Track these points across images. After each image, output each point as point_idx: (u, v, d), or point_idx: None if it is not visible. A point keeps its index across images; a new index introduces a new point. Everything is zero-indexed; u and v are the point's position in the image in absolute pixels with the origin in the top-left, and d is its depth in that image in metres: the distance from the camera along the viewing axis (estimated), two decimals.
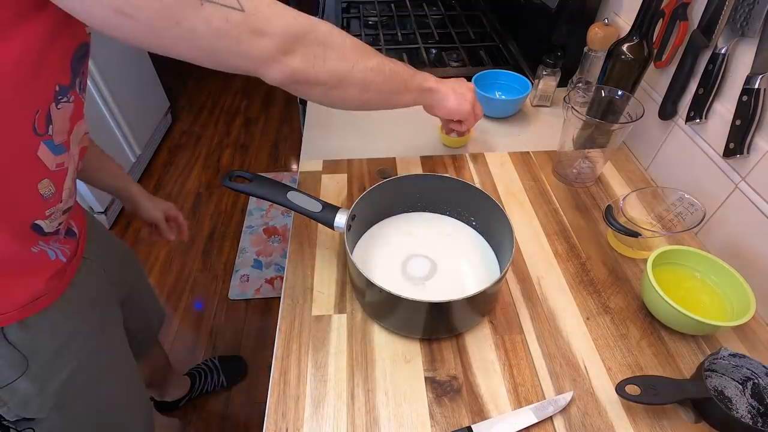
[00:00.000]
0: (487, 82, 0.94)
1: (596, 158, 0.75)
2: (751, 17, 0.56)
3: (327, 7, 1.36)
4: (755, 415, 0.47)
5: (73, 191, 0.53)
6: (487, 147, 0.86)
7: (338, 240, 0.66)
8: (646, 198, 0.67)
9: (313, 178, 0.77)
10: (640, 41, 0.71)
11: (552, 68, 0.89)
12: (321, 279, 0.61)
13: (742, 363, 0.49)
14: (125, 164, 1.92)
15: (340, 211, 0.56)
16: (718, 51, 0.61)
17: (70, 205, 0.53)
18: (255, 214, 1.91)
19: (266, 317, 1.53)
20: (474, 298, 0.48)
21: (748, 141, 0.58)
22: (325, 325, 0.56)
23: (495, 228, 0.60)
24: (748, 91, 0.56)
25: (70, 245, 0.56)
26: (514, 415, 0.48)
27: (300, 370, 0.52)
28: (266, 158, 2.23)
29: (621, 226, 0.61)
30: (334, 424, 0.48)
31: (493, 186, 0.77)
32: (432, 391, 0.50)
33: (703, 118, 0.66)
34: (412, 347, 0.54)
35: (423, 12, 1.30)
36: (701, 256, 0.58)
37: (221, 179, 0.58)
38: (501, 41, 1.17)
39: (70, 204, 0.53)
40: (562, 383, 0.51)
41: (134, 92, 1.98)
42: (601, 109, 0.73)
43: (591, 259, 0.65)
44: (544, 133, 0.89)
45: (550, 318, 0.58)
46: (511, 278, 0.62)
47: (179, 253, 1.75)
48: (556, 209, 0.73)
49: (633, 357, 0.54)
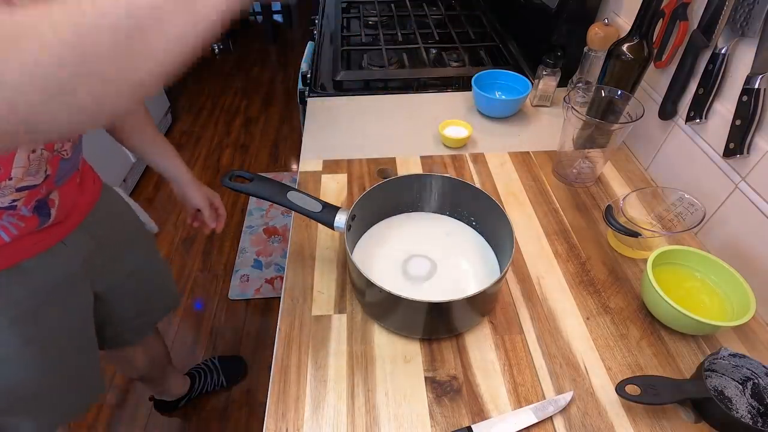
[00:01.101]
0: (487, 82, 0.94)
1: (596, 158, 0.75)
2: (751, 17, 0.56)
3: (327, 7, 1.37)
4: (755, 415, 0.47)
5: (38, 170, 0.52)
6: (487, 147, 0.86)
7: (338, 240, 0.66)
8: (646, 198, 0.67)
9: (313, 178, 0.77)
10: (640, 41, 0.71)
11: (552, 68, 0.89)
12: (321, 279, 0.61)
13: (742, 363, 0.49)
14: (125, 165, 1.92)
15: (340, 211, 0.56)
16: (718, 51, 0.61)
17: (31, 183, 0.52)
18: (255, 214, 1.91)
19: (266, 317, 1.53)
20: (474, 298, 0.48)
21: (748, 141, 0.58)
22: (325, 325, 0.56)
23: (495, 228, 0.60)
24: (748, 91, 0.56)
25: (28, 223, 0.55)
26: (514, 415, 0.48)
27: (300, 370, 0.52)
28: (266, 158, 2.23)
29: (621, 226, 0.61)
30: (334, 424, 0.48)
31: (493, 186, 0.77)
32: (432, 391, 0.50)
33: (703, 118, 0.66)
34: (412, 347, 0.54)
35: (423, 12, 1.30)
36: (701, 256, 0.58)
37: (221, 179, 0.58)
38: (501, 41, 1.17)
39: (34, 182, 0.52)
40: (562, 383, 0.51)
41: None
42: (601, 109, 0.73)
43: (591, 259, 0.65)
44: (544, 133, 0.89)
45: (550, 318, 0.58)
46: (511, 278, 0.62)
47: (179, 253, 1.75)
48: (556, 209, 0.73)
49: (633, 357, 0.54)
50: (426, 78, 1.06)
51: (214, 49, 3.16)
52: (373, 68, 1.07)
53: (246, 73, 2.93)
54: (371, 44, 1.17)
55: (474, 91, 0.90)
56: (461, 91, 1.00)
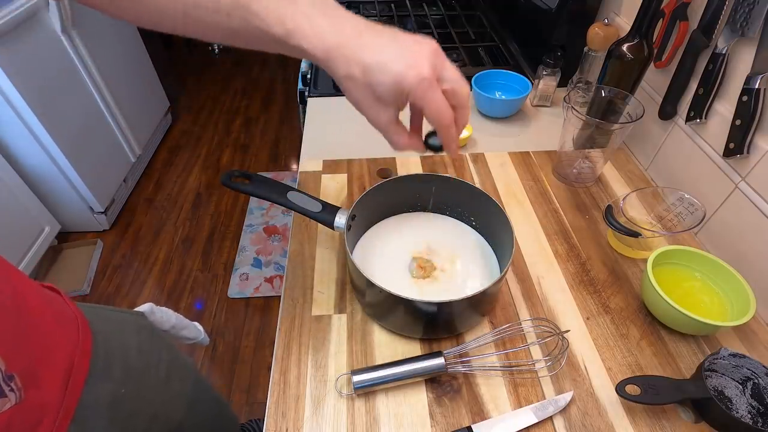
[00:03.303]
0: (487, 82, 0.94)
1: (596, 158, 0.75)
2: (751, 17, 0.56)
3: None
4: (755, 415, 0.47)
5: None
6: (487, 147, 0.86)
7: (338, 240, 0.66)
8: (646, 198, 0.67)
9: (313, 178, 0.77)
10: (640, 41, 0.71)
11: (552, 68, 0.89)
12: (321, 279, 0.61)
13: (742, 363, 0.49)
14: (125, 164, 1.92)
15: (340, 211, 0.56)
16: (718, 51, 0.61)
17: None
18: (255, 213, 1.91)
19: (266, 316, 1.53)
20: (474, 298, 0.48)
21: (748, 141, 0.58)
22: (325, 325, 0.56)
23: (495, 228, 0.60)
24: (748, 91, 0.56)
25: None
26: (514, 415, 0.48)
27: (300, 370, 0.52)
28: (266, 158, 2.23)
29: (621, 226, 0.61)
30: (334, 424, 0.48)
31: (493, 186, 0.77)
32: (432, 391, 0.50)
33: (703, 118, 0.66)
34: (412, 347, 0.54)
35: (423, 12, 1.30)
36: (701, 256, 0.58)
37: (221, 179, 0.58)
38: (501, 41, 1.17)
39: None
40: (562, 383, 0.51)
41: (134, 92, 1.98)
42: (601, 109, 0.73)
43: (591, 259, 0.65)
44: (544, 133, 0.89)
45: (550, 318, 0.58)
46: (511, 278, 0.62)
47: (179, 253, 1.75)
48: (556, 209, 0.73)
49: (633, 357, 0.54)
50: None
51: (214, 49, 3.16)
52: None
53: (246, 73, 2.93)
54: None
55: (474, 91, 0.90)
56: None
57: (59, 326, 0.44)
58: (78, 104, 1.62)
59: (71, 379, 0.42)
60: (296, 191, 0.58)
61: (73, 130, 1.56)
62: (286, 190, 0.57)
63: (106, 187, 1.76)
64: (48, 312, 0.43)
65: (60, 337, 0.43)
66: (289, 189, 0.57)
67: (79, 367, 0.44)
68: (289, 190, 0.57)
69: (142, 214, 1.91)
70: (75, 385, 0.43)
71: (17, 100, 1.35)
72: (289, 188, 0.57)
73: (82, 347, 0.45)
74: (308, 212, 0.56)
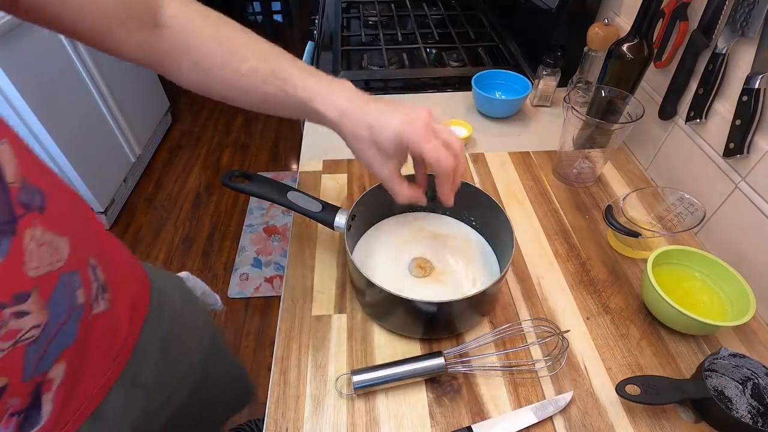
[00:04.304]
0: (487, 82, 0.94)
1: (596, 158, 0.75)
2: (751, 17, 0.56)
3: (327, 7, 1.36)
4: (755, 415, 0.47)
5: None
6: (487, 147, 0.85)
7: (338, 240, 0.66)
8: (646, 198, 0.67)
9: (313, 178, 0.77)
10: (640, 41, 0.71)
11: (552, 68, 0.89)
12: (321, 279, 0.61)
13: (742, 363, 0.49)
14: (125, 164, 1.92)
15: (340, 211, 0.56)
16: (718, 51, 0.61)
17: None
18: (255, 213, 1.91)
19: (266, 316, 1.53)
20: (474, 298, 0.48)
21: (748, 141, 0.58)
22: (325, 325, 0.56)
23: (495, 228, 0.60)
24: (748, 91, 0.56)
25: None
26: (514, 415, 0.48)
27: (300, 370, 0.52)
28: (266, 158, 2.23)
29: (621, 226, 0.61)
30: (334, 424, 0.48)
31: (493, 186, 0.77)
32: (432, 391, 0.50)
33: (703, 118, 0.66)
34: (412, 347, 0.54)
35: (423, 12, 1.30)
36: (701, 256, 0.58)
37: (221, 179, 0.58)
38: (501, 41, 1.17)
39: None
40: (562, 383, 0.51)
41: (134, 92, 1.98)
42: (601, 109, 0.73)
43: (591, 259, 0.65)
44: (544, 133, 0.89)
45: (550, 318, 0.58)
46: (511, 278, 0.62)
47: (179, 253, 1.75)
48: (556, 209, 0.73)
49: (633, 357, 0.54)
50: (426, 78, 1.05)
51: None
52: (373, 68, 1.07)
53: None
54: (371, 44, 1.17)
55: (474, 91, 0.90)
56: (461, 91, 1.00)
57: (132, 264, 0.51)
58: (78, 104, 1.62)
59: (134, 314, 0.48)
60: (296, 191, 0.58)
61: (73, 129, 1.56)
62: (286, 190, 0.57)
63: (106, 186, 1.76)
64: (125, 250, 0.51)
65: (133, 272, 0.51)
66: (289, 189, 0.57)
67: (141, 303, 0.50)
68: (289, 190, 0.57)
69: (142, 214, 1.91)
70: (136, 320, 0.49)
71: (17, 99, 1.35)
72: (289, 188, 0.57)
73: (145, 287, 0.52)
74: (308, 212, 0.56)
